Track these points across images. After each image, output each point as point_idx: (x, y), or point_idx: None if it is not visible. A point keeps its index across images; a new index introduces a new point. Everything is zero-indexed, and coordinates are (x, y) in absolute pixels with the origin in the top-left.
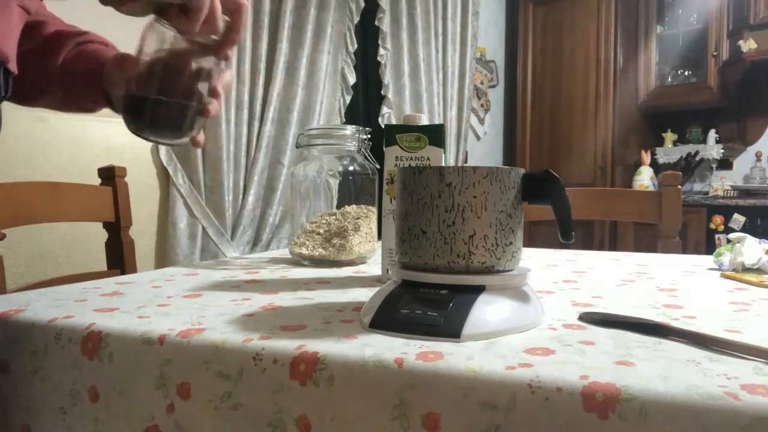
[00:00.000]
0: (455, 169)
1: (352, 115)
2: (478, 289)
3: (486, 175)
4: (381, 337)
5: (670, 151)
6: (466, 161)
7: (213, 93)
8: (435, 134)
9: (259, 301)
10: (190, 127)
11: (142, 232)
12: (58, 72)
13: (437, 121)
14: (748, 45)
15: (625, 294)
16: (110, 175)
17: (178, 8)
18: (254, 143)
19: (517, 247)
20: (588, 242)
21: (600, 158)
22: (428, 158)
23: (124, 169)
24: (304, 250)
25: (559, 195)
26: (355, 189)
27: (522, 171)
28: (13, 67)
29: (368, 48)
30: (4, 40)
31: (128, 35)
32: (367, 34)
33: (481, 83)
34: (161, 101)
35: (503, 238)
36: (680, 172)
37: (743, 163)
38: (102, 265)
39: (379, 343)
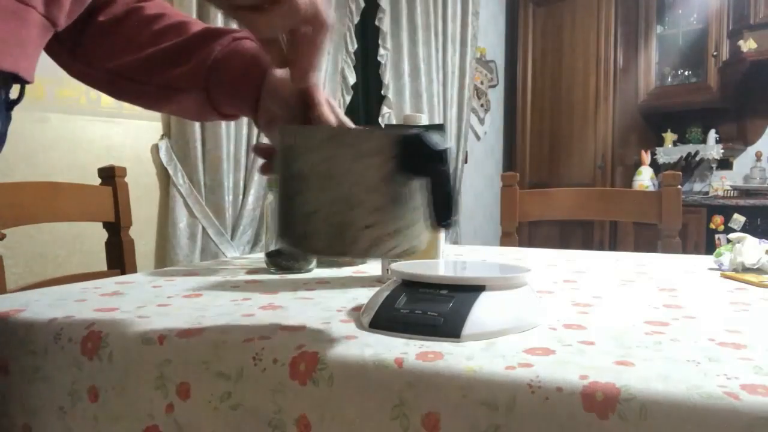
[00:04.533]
0: (295, 128)
1: (352, 115)
2: (478, 289)
3: (330, 136)
4: (381, 337)
5: (670, 151)
6: (466, 161)
7: None
8: None
9: (259, 301)
10: None
11: (142, 232)
12: (207, 69)
13: (437, 121)
14: (748, 45)
15: (625, 294)
16: (110, 175)
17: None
18: (254, 143)
19: (389, 230)
20: (588, 242)
21: (600, 158)
22: None
23: (124, 169)
24: None
25: (431, 167)
26: None
27: (397, 135)
28: (29, 78)
29: (368, 48)
30: (12, 52)
31: None
32: (367, 34)
33: (481, 83)
34: None
35: (357, 219)
36: (680, 172)
37: (743, 163)
38: (102, 265)
39: (379, 343)
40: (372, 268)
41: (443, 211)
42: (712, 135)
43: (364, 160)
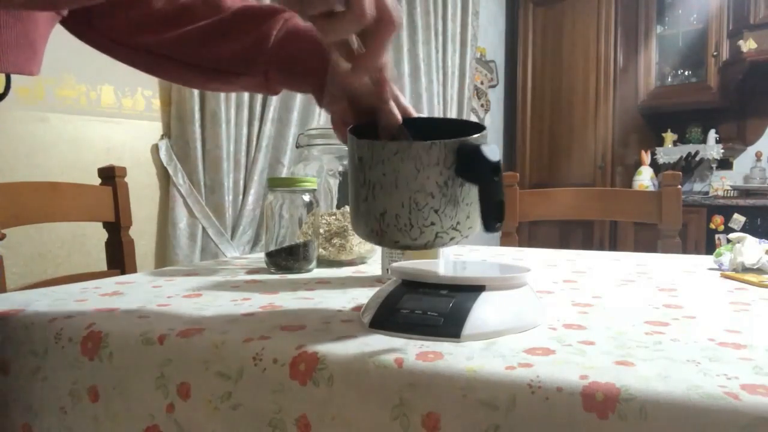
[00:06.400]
0: (366, 144)
1: None
2: (478, 289)
3: (396, 151)
4: (381, 337)
5: (670, 151)
6: None
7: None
8: None
9: (259, 301)
10: None
11: (142, 232)
12: (268, 51)
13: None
14: (748, 45)
15: (625, 294)
16: (110, 175)
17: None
18: (254, 143)
19: (446, 227)
20: (588, 242)
21: (600, 158)
22: None
23: (124, 169)
24: None
25: (485, 177)
26: None
27: (457, 144)
28: (34, 73)
29: None
30: (19, 56)
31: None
32: None
33: (481, 83)
34: None
35: (420, 219)
36: (680, 172)
37: (743, 163)
38: (102, 265)
39: (379, 343)
40: (372, 268)
41: (493, 216)
42: (712, 135)
43: (425, 170)
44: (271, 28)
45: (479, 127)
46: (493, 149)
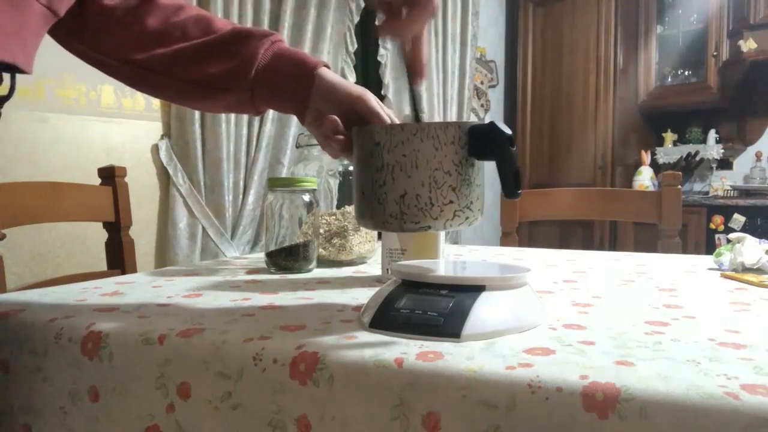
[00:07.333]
0: (383, 128)
1: None
2: (478, 289)
3: (415, 132)
4: (381, 337)
5: (670, 151)
6: None
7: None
8: None
9: (259, 301)
10: None
11: (142, 232)
12: (255, 70)
13: (437, 119)
14: (748, 45)
15: (625, 294)
16: (110, 175)
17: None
18: (254, 143)
19: (462, 206)
20: (588, 242)
21: (600, 158)
22: None
23: (124, 169)
24: None
25: (502, 149)
26: None
27: (469, 125)
28: (27, 68)
29: (368, 48)
30: (11, 43)
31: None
32: (367, 34)
33: (481, 83)
34: None
35: (440, 197)
36: (680, 172)
37: (743, 163)
38: (102, 265)
39: (379, 343)
40: (372, 268)
41: (514, 184)
42: (712, 135)
43: (443, 149)
44: (258, 48)
45: None
46: (504, 126)
